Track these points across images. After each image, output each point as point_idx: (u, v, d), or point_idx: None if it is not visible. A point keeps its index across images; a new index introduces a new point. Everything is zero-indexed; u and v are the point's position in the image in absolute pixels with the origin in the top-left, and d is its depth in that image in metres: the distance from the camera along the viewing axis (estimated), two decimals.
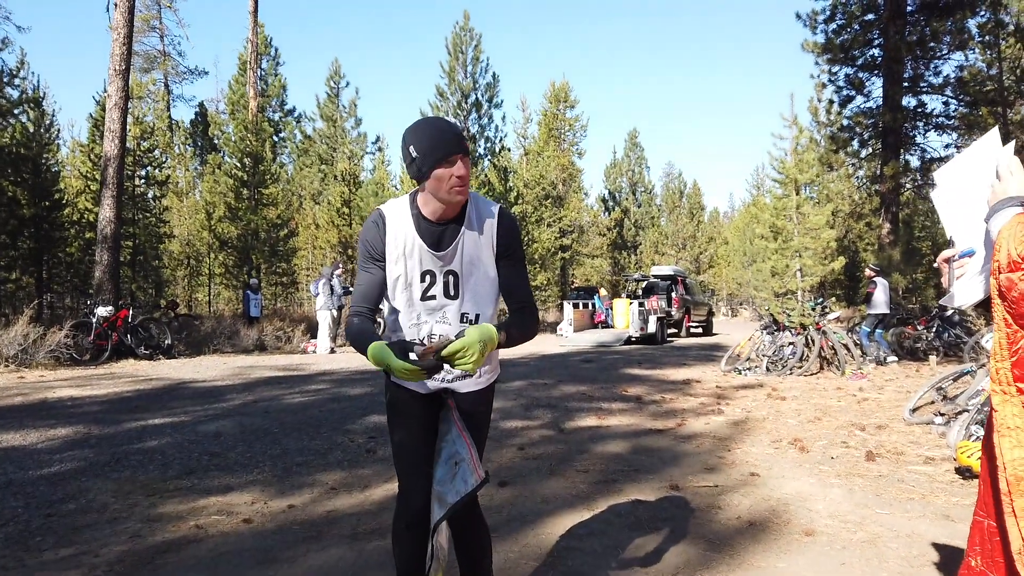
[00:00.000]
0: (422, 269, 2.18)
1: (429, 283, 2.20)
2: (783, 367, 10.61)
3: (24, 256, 16.45)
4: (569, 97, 38.88)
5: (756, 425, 6.48)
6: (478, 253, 2.20)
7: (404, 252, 2.18)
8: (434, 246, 2.17)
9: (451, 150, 1.97)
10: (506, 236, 2.21)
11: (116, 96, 12.83)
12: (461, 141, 2.00)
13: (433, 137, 1.96)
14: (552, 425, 6.45)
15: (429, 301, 2.23)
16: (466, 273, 2.22)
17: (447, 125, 2.00)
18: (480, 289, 2.26)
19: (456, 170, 1.99)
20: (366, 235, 2.18)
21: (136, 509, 3.92)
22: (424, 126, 1.99)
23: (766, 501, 4.09)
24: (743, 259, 46.50)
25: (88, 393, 8.25)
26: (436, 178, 2.01)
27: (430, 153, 1.96)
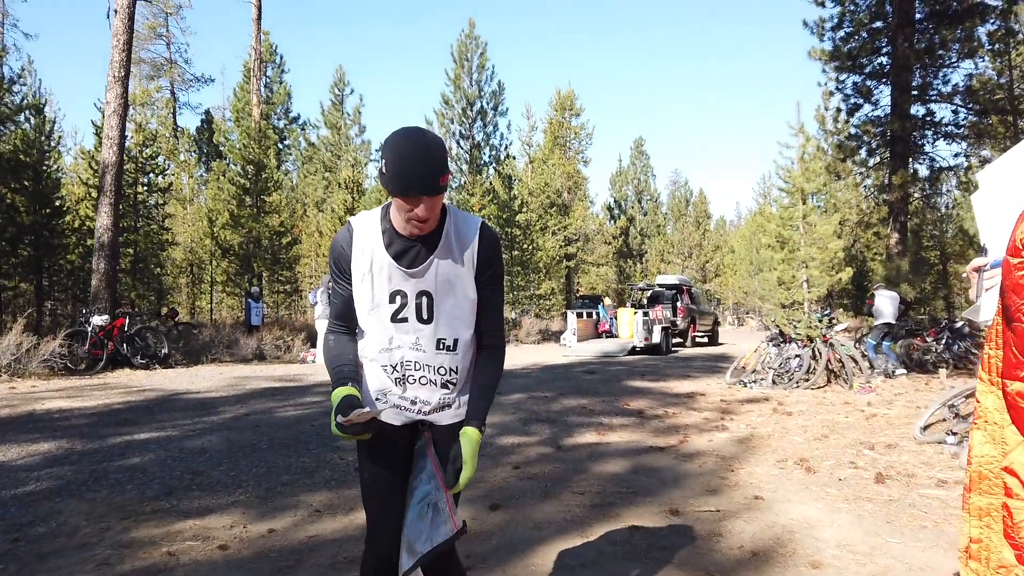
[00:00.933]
0: (391, 289, 1.99)
1: (400, 304, 2.01)
2: (789, 380, 10.38)
3: (24, 264, 16.35)
4: (575, 105, 38.82)
5: (761, 443, 6.26)
6: (455, 272, 2.01)
7: (371, 269, 1.99)
8: (405, 264, 1.98)
9: (413, 189, 1.75)
10: (487, 257, 2.02)
11: (115, 103, 12.72)
12: (428, 181, 1.75)
13: (401, 166, 1.73)
14: (550, 441, 6.25)
15: (401, 324, 2.04)
16: (441, 293, 2.03)
17: (420, 158, 1.73)
18: (457, 312, 2.06)
19: (418, 211, 1.80)
20: (333, 250, 2.03)
21: (108, 534, 3.73)
22: (400, 147, 1.74)
23: (770, 528, 3.88)
24: (749, 268, 46.21)
25: (78, 405, 8.09)
26: (396, 205, 1.84)
27: (393, 181, 1.76)
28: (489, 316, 2.11)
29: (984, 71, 17.54)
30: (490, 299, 2.09)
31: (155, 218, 21.60)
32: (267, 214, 22.38)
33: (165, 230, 22.17)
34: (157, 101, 36.13)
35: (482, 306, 2.09)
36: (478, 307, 2.07)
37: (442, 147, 1.80)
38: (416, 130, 1.78)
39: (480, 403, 2.08)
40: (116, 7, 12.64)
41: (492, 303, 2.10)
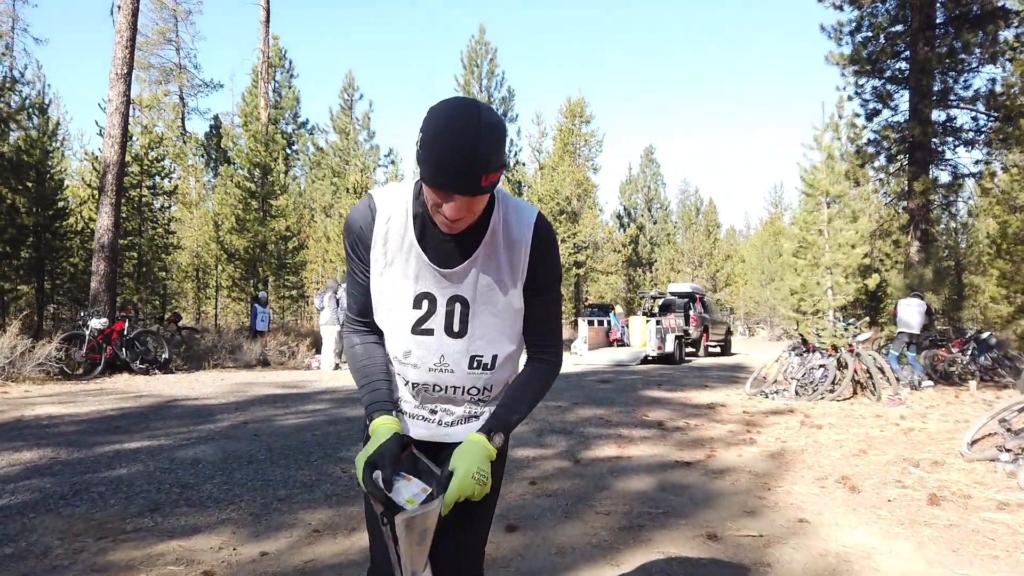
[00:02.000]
0: (417, 290, 1.57)
1: (426, 311, 1.59)
2: (813, 391, 9.93)
3: (25, 266, 16.05)
4: (585, 112, 38.51)
5: (795, 458, 5.83)
6: (500, 277, 1.58)
7: (394, 263, 1.57)
8: (440, 260, 1.55)
9: (447, 186, 1.34)
10: (542, 258, 1.59)
11: (117, 100, 12.41)
12: (468, 180, 1.33)
13: (438, 154, 1.32)
14: (568, 455, 5.84)
15: (423, 337, 1.61)
16: (480, 301, 1.60)
17: (465, 149, 1.30)
18: (498, 323, 1.63)
19: (446, 209, 1.39)
20: (349, 231, 1.60)
21: (81, 555, 3.34)
22: (443, 128, 1.32)
23: (823, 557, 3.46)
24: (761, 277, 45.69)
25: (69, 411, 7.71)
26: (427, 194, 1.42)
27: (425, 166, 1.35)
28: (541, 328, 1.70)
29: (1009, 75, 17.07)
30: (543, 309, 1.67)
31: (160, 221, 21.31)
32: (273, 218, 22.06)
33: (170, 233, 21.88)
34: (165, 106, 36.03)
35: (532, 317, 1.67)
36: (527, 318, 1.66)
37: (499, 135, 1.35)
38: (469, 108, 1.34)
39: (505, 412, 1.63)
40: (120, 3, 12.36)
41: (546, 313, 1.68)
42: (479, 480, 1.49)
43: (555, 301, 1.69)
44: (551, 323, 1.71)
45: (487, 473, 1.52)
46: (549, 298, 1.66)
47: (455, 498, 1.48)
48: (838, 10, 19.41)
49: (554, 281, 1.65)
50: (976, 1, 17.56)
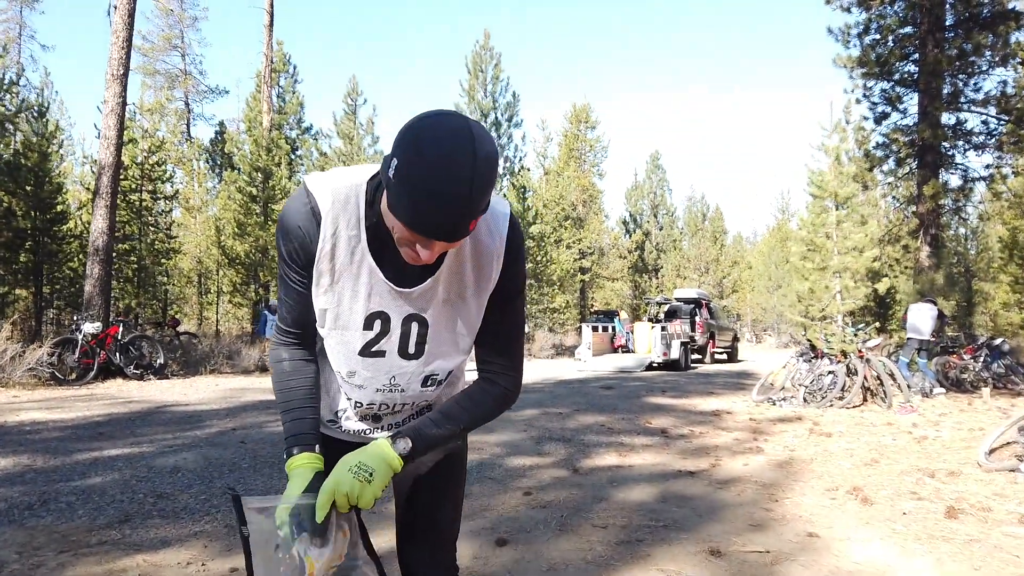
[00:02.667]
0: (369, 310, 1.34)
1: (378, 332, 1.37)
2: (822, 398, 9.66)
3: (22, 270, 15.91)
4: (590, 118, 38.37)
5: (803, 467, 5.58)
6: (463, 291, 1.36)
7: (341, 277, 1.33)
8: (397, 278, 1.32)
9: (429, 235, 1.13)
10: (512, 264, 1.38)
11: (113, 102, 12.26)
12: (456, 230, 1.13)
13: (424, 200, 1.08)
14: (566, 463, 5.60)
15: (374, 359, 1.40)
16: (440, 320, 1.38)
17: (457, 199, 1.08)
18: (456, 339, 1.42)
19: (421, 251, 1.18)
20: (288, 232, 1.32)
21: (39, 571, 3.11)
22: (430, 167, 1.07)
23: (834, 574, 3.21)
24: (768, 284, 45.35)
25: (55, 417, 7.50)
26: (396, 227, 1.18)
27: (405, 208, 1.11)
28: (501, 344, 1.45)
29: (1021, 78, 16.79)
30: (505, 319, 1.43)
31: (160, 226, 21.17)
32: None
33: (171, 238, 21.74)
34: (169, 111, 36.02)
35: (492, 330, 1.43)
36: (485, 330, 1.43)
37: (494, 167, 1.12)
38: (462, 138, 1.08)
39: (426, 424, 1.39)
40: (116, 3, 12.23)
41: (508, 325, 1.44)
42: (358, 475, 1.27)
43: (519, 310, 1.45)
44: (512, 338, 1.46)
45: (371, 470, 1.28)
46: (513, 307, 1.43)
47: (329, 496, 1.27)
48: (846, 12, 19.18)
49: (520, 289, 1.43)
50: (987, 3, 17.31)
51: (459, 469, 1.66)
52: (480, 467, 5.39)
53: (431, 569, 1.61)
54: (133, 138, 19.04)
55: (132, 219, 19.67)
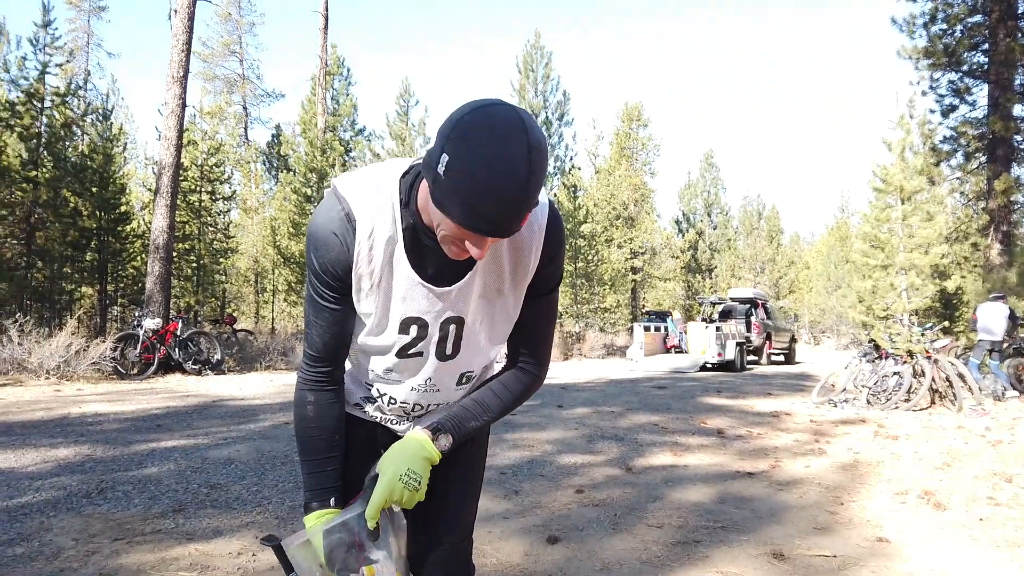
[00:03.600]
0: (405, 313, 1.29)
1: (415, 337, 1.32)
2: (886, 400, 9.28)
3: (88, 268, 16.48)
4: (642, 116, 37.91)
5: (869, 470, 5.32)
6: (501, 286, 1.30)
7: (380, 283, 1.27)
8: (433, 277, 1.27)
9: (482, 231, 1.07)
10: (552, 260, 1.32)
11: (173, 104, 12.59)
12: (510, 225, 1.07)
13: (480, 197, 1.03)
14: (619, 462, 5.46)
15: (410, 360, 1.36)
16: (477, 319, 1.33)
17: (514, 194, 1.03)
18: (491, 334, 1.38)
19: (471, 247, 1.11)
20: (320, 247, 1.25)
21: (93, 558, 3.14)
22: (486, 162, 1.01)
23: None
24: (827, 284, 44.13)
25: (116, 409, 7.69)
26: (440, 221, 1.11)
27: (458, 205, 1.05)
28: (532, 336, 1.41)
29: None
30: (539, 312, 1.38)
31: (218, 226, 21.70)
32: None
33: (228, 238, 22.25)
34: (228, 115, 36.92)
35: (525, 322, 1.37)
36: (520, 322, 1.38)
37: (546, 156, 1.08)
38: (516, 130, 1.03)
39: (463, 415, 1.38)
40: (177, 7, 12.56)
41: (541, 318, 1.39)
42: (408, 484, 1.27)
43: (552, 304, 1.40)
44: (543, 330, 1.42)
45: (419, 477, 1.28)
46: (548, 300, 1.38)
47: (379, 506, 1.27)
48: (911, 1, 18.57)
49: (557, 283, 1.38)
50: None
51: (480, 458, 1.63)
52: (531, 464, 5.30)
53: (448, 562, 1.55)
54: (192, 140, 19.54)
55: (191, 219, 20.19)
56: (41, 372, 10.13)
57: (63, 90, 15.71)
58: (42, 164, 15.09)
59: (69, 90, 15.64)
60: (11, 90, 16.27)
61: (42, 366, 10.10)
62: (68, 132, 15.88)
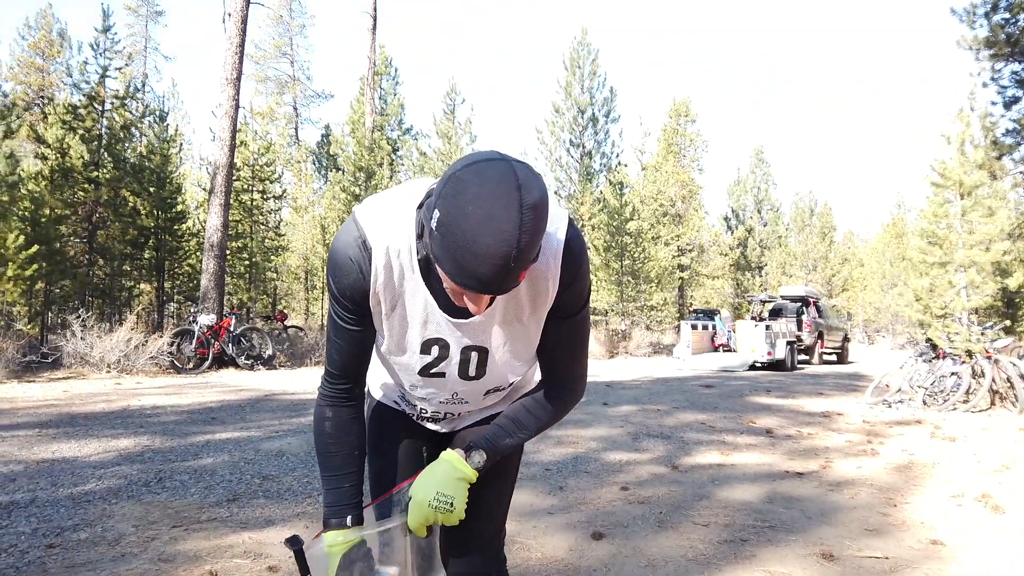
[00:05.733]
0: (426, 336, 1.32)
1: (436, 356, 1.35)
2: (943, 401, 9.01)
3: (146, 266, 17.02)
4: (690, 112, 37.45)
5: (924, 471, 5.19)
6: (521, 315, 1.30)
7: (396, 306, 1.30)
8: (452, 308, 1.29)
9: (475, 288, 1.08)
10: (571, 284, 1.29)
11: (227, 105, 12.93)
12: (500, 284, 1.07)
13: (468, 259, 1.04)
14: (665, 460, 5.42)
15: (434, 379, 1.40)
16: (500, 346, 1.34)
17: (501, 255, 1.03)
18: (515, 357, 1.39)
19: (468, 302, 1.15)
20: (339, 273, 1.29)
21: (153, 544, 3.26)
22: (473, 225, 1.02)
23: None
24: (882, 282, 42.96)
25: (172, 402, 7.94)
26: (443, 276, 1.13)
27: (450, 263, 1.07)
28: (564, 356, 1.40)
29: None
30: (566, 335, 1.36)
31: (269, 225, 22.17)
32: None
33: (279, 236, 22.72)
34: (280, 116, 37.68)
35: (553, 344, 1.37)
36: (548, 345, 1.38)
37: (542, 216, 1.06)
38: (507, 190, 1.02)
39: (499, 433, 1.39)
40: (231, 11, 12.89)
41: (569, 341, 1.38)
42: (439, 508, 1.30)
43: (580, 324, 1.38)
44: (575, 351, 1.41)
45: (451, 499, 1.30)
46: (575, 321, 1.36)
47: (416, 527, 1.33)
48: None
49: (582, 305, 1.35)
50: None
51: (515, 452, 1.64)
52: (575, 461, 5.30)
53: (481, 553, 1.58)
54: (244, 140, 20.00)
55: (244, 218, 20.67)
56: (102, 366, 10.52)
57: (122, 93, 16.26)
58: (103, 165, 15.64)
59: (128, 93, 16.19)
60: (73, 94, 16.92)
61: (103, 360, 10.49)
62: (127, 134, 16.44)
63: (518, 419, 1.41)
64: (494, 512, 1.59)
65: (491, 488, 1.56)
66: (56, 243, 13.64)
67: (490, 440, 1.37)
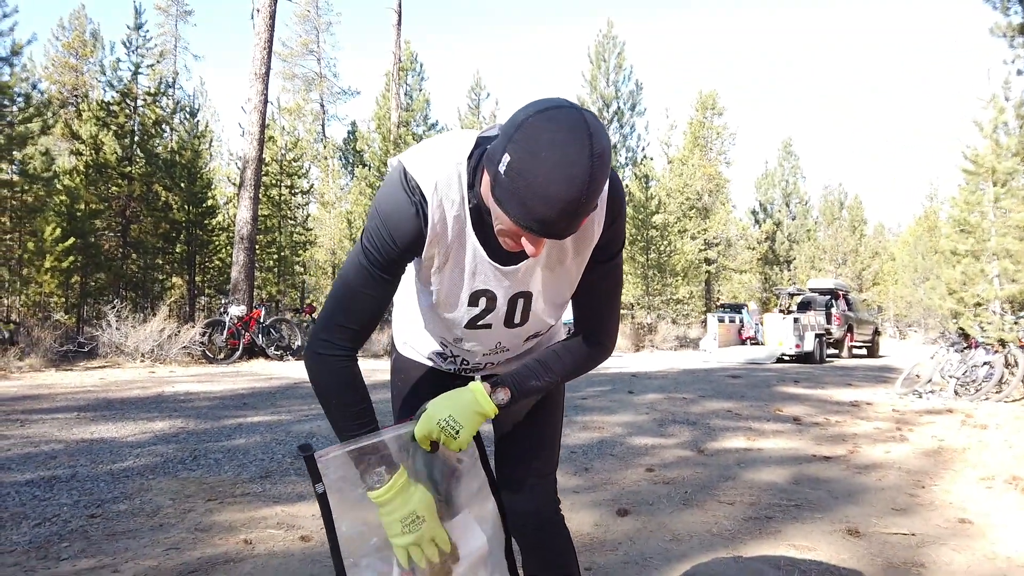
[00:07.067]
0: (474, 288, 1.34)
1: (484, 308, 1.37)
2: (975, 391, 8.88)
3: (178, 259, 17.34)
4: (717, 104, 37.12)
5: (954, 456, 5.14)
6: (564, 259, 1.33)
7: (448, 259, 1.32)
8: (501, 256, 1.31)
9: (540, 231, 1.09)
10: (612, 224, 1.32)
11: (256, 99, 13.13)
12: (568, 229, 1.10)
13: (540, 201, 1.05)
14: (691, 445, 5.43)
15: (480, 330, 1.42)
16: (545, 291, 1.37)
17: (572, 197, 1.04)
18: (556, 300, 1.42)
19: (527, 245, 1.14)
20: (397, 223, 1.25)
21: (189, 515, 3.36)
22: (547, 167, 1.03)
23: (991, 560, 2.93)
24: (914, 275, 42.29)
25: (205, 389, 8.11)
26: (502, 220, 1.14)
27: (516, 205, 1.07)
28: (598, 303, 1.42)
29: None
30: (604, 279, 1.39)
31: (297, 219, 22.43)
32: None
33: (307, 230, 22.98)
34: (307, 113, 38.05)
35: (591, 288, 1.40)
36: (584, 288, 1.40)
37: (608, 162, 1.09)
38: (579, 135, 1.04)
39: (526, 373, 1.39)
40: (259, 7, 13.08)
41: (606, 285, 1.41)
42: (446, 430, 1.30)
43: (616, 271, 1.41)
44: (611, 296, 1.44)
45: (460, 428, 1.30)
46: (611, 266, 1.39)
47: (420, 437, 1.33)
48: None
49: (620, 247, 1.39)
50: None
51: (561, 403, 1.69)
52: (600, 444, 5.33)
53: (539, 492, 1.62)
54: (272, 136, 20.25)
55: (273, 212, 20.93)
56: (136, 355, 10.76)
57: (153, 90, 16.58)
58: (135, 160, 15.94)
59: (159, 90, 16.49)
60: (105, 91, 17.28)
61: (137, 350, 10.74)
62: (158, 130, 16.74)
63: (546, 363, 1.42)
64: (552, 449, 1.64)
65: (549, 425, 1.63)
66: (91, 237, 13.96)
67: (517, 380, 1.38)
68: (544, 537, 1.59)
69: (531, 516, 1.57)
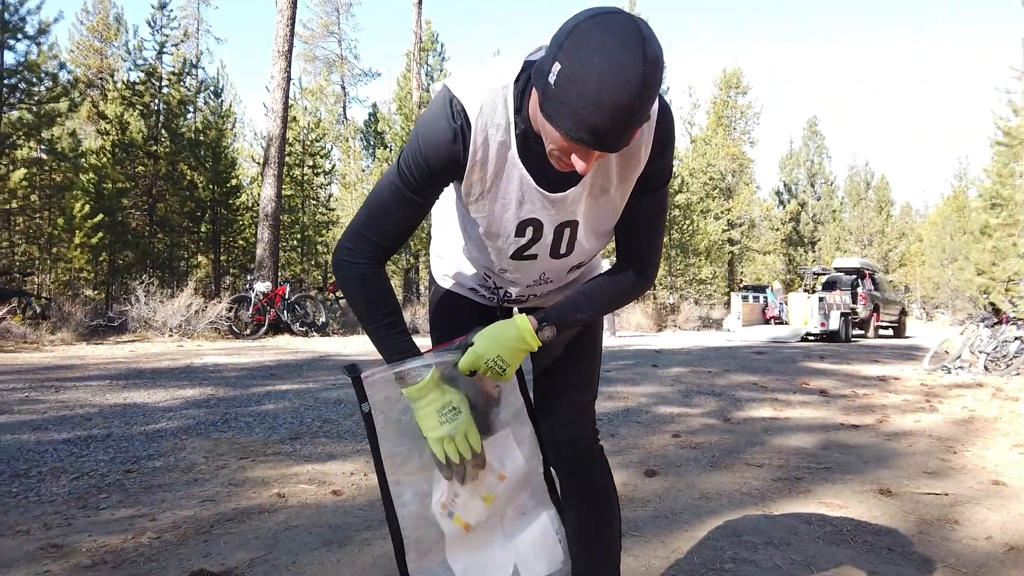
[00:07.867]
0: (521, 217, 1.31)
1: (530, 239, 1.35)
2: (1006, 367, 8.75)
3: (203, 238, 17.53)
4: (741, 83, 36.61)
5: (986, 425, 5.08)
6: (608, 182, 1.29)
7: (493, 187, 1.29)
8: (548, 183, 1.27)
9: (589, 144, 1.05)
10: (661, 153, 1.28)
11: (279, 77, 13.17)
12: (620, 140, 1.05)
13: (591, 109, 1.01)
14: (717, 414, 5.42)
15: (525, 261, 1.40)
16: (591, 220, 1.35)
17: (625, 104, 1.00)
18: (600, 229, 1.40)
19: (577, 160, 1.10)
20: (438, 150, 1.23)
21: (222, 472, 3.41)
22: (600, 73, 0.99)
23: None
24: (942, 256, 41.63)
25: (233, 361, 8.21)
26: (551, 136, 1.10)
27: (567, 117, 1.04)
28: (641, 235, 1.40)
29: None
30: (648, 210, 1.36)
31: (320, 199, 22.55)
32: None
33: (330, 210, 23.10)
34: (328, 94, 38.09)
35: (634, 221, 1.37)
36: (628, 219, 1.37)
37: (662, 70, 1.05)
38: (633, 41, 1.00)
39: (571, 307, 1.39)
40: None
41: (650, 217, 1.37)
42: (492, 368, 1.31)
43: (661, 201, 1.37)
44: (653, 230, 1.41)
45: (506, 366, 1.32)
46: (658, 196, 1.35)
47: (463, 368, 1.34)
48: None
49: (667, 178, 1.35)
50: None
51: (597, 340, 1.67)
52: (627, 412, 5.33)
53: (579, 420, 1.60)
54: (295, 116, 20.32)
55: (296, 192, 21.04)
56: (164, 330, 10.93)
57: (178, 70, 16.69)
58: (161, 140, 16.09)
59: (183, 70, 16.60)
60: (130, 73, 17.43)
61: (166, 324, 10.90)
62: (183, 110, 16.87)
63: (589, 293, 1.41)
64: (590, 379, 1.63)
65: (588, 356, 1.61)
66: (119, 215, 14.14)
67: (562, 315, 1.37)
68: (580, 466, 1.58)
69: (568, 444, 1.56)
